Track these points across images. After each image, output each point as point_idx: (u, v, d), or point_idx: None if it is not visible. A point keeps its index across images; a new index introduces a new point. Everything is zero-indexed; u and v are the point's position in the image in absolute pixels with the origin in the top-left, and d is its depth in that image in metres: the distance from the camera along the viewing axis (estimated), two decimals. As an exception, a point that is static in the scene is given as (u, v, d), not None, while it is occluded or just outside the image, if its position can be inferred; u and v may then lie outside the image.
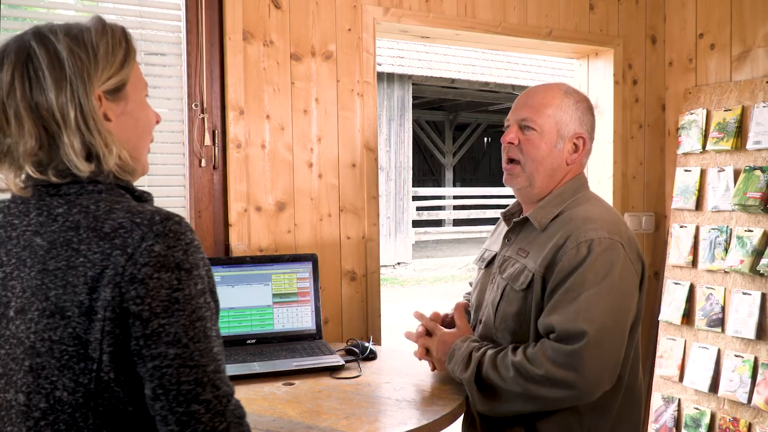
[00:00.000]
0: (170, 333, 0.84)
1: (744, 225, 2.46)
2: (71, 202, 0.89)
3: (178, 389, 0.84)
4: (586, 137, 1.58)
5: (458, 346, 1.52)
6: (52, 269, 0.86)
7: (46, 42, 0.90)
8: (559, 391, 1.36)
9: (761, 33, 2.52)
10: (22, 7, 1.90)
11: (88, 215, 0.88)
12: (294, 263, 2.01)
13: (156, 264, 0.84)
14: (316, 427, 1.31)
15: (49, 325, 0.85)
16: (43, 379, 0.86)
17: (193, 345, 0.85)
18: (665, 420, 2.65)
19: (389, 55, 10.98)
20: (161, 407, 0.84)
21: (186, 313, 0.85)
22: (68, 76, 0.88)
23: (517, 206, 1.71)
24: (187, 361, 0.84)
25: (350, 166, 2.28)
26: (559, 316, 1.38)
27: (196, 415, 0.84)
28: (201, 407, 0.85)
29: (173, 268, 0.85)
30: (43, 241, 0.88)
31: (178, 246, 0.86)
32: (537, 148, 1.54)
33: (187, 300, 0.85)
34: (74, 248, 0.86)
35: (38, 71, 0.88)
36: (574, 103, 1.57)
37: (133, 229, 0.85)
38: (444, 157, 16.11)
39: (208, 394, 0.85)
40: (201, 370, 0.85)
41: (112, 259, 0.84)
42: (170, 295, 0.84)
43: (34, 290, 0.86)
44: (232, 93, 2.09)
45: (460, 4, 2.43)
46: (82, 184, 0.91)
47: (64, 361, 0.85)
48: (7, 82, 0.89)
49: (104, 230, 0.86)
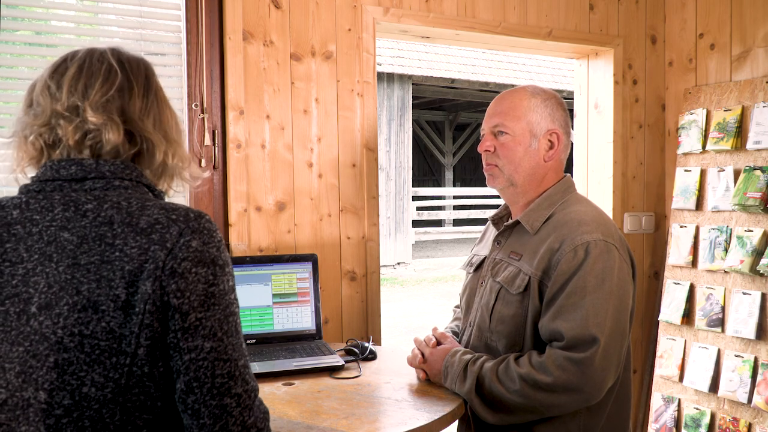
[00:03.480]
0: (206, 327, 0.86)
1: (744, 225, 2.45)
2: (100, 198, 0.90)
3: (213, 382, 0.86)
4: (560, 132, 1.60)
5: (449, 362, 1.53)
6: (84, 264, 0.86)
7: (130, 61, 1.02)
8: (567, 397, 1.38)
9: (761, 33, 2.52)
10: (21, 7, 1.90)
11: (120, 211, 0.89)
12: (294, 263, 2.01)
13: (194, 259, 0.87)
14: (315, 427, 1.31)
15: (80, 319, 0.85)
16: (69, 375, 0.85)
17: (227, 339, 0.88)
18: (665, 420, 2.65)
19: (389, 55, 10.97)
20: (194, 400, 0.86)
21: (221, 307, 0.88)
22: (154, 89, 1.05)
23: (505, 210, 1.73)
24: (221, 354, 0.87)
25: (350, 166, 2.28)
26: (566, 322, 1.39)
27: (228, 409, 0.87)
28: (232, 401, 0.87)
29: (209, 263, 0.88)
30: (71, 236, 0.88)
31: (212, 243, 0.89)
32: (512, 151, 1.58)
33: (221, 295, 0.88)
34: (108, 243, 0.86)
35: (130, 80, 0.99)
36: (542, 101, 1.59)
37: (170, 225, 0.88)
38: (444, 157, 16.11)
39: (239, 388, 0.88)
40: (233, 364, 0.88)
41: (151, 253, 0.85)
42: (206, 290, 0.87)
43: (62, 285, 0.86)
44: (232, 93, 2.09)
45: (460, 4, 2.43)
46: (107, 179, 0.92)
47: (95, 356, 0.85)
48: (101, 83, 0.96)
49: (140, 225, 0.87)
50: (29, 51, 1.98)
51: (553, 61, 12.58)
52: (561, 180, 1.63)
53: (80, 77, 0.94)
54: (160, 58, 2.06)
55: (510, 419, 1.45)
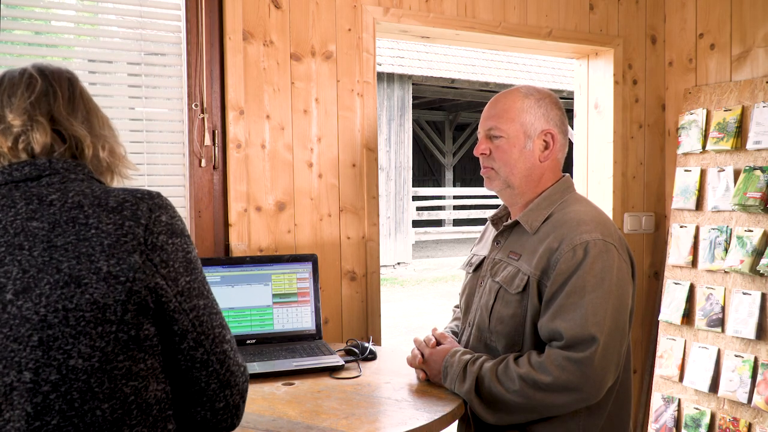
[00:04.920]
0: (195, 288, 0.98)
1: (744, 225, 2.45)
2: (62, 189, 0.96)
3: (214, 333, 0.99)
4: (555, 132, 1.59)
5: (449, 362, 1.53)
6: (60, 244, 0.91)
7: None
8: (567, 396, 1.39)
9: (761, 33, 2.52)
10: (21, 7, 1.90)
11: (87, 196, 0.95)
12: (294, 263, 2.01)
13: (168, 231, 0.96)
14: (315, 427, 1.31)
15: (64, 294, 0.89)
16: (55, 350, 0.89)
17: (210, 296, 1.01)
18: (665, 420, 2.65)
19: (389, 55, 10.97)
20: (203, 352, 0.98)
21: (198, 270, 1.00)
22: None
23: (504, 210, 1.73)
24: (212, 309, 1.00)
25: (350, 166, 2.28)
26: (565, 322, 1.39)
27: (228, 353, 1.01)
28: (228, 345, 1.01)
29: (179, 233, 0.98)
30: (41, 224, 0.93)
31: (176, 216, 0.99)
32: (507, 153, 1.58)
33: (196, 260, 1.00)
34: (82, 223, 0.92)
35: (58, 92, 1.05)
36: (535, 102, 1.59)
37: (138, 203, 0.96)
38: (444, 157, 16.11)
39: (228, 334, 1.02)
40: (221, 315, 1.02)
41: (127, 228, 0.93)
42: (186, 257, 0.98)
43: (40, 267, 0.90)
44: (232, 93, 2.09)
45: (460, 4, 2.43)
46: (62, 174, 0.98)
47: (80, 327, 0.89)
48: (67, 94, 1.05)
49: (110, 205, 0.94)
50: (29, 51, 1.98)
51: (553, 61, 12.58)
52: (560, 180, 1.63)
53: (3, 91, 1.02)
54: (160, 58, 2.06)
55: (509, 419, 1.46)
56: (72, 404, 0.89)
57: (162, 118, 2.08)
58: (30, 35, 2.06)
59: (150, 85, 2.04)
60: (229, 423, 1.03)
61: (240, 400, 1.03)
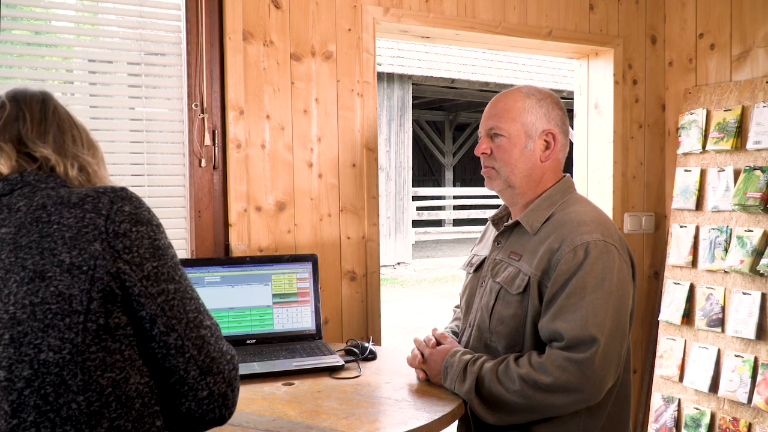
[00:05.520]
0: (164, 273, 0.96)
1: (744, 225, 2.45)
2: (29, 197, 0.97)
3: (187, 317, 0.97)
4: (556, 132, 1.59)
5: (449, 362, 1.53)
6: (24, 244, 0.92)
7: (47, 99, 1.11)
8: (567, 397, 1.39)
9: (761, 33, 2.52)
10: (21, 7, 1.90)
11: (51, 197, 0.96)
12: (294, 263, 2.01)
13: (131, 220, 0.95)
14: (315, 427, 1.31)
15: (30, 290, 0.90)
16: (25, 346, 0.89)
17: (184, 282, 0.99)
18: (665, 420, 2.65)
19: (389, 55, 10.97)
20: (176, 337, 0.96)
21: (168, 257, 0.98)
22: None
23: (505, 210, 1.73)
24: (185, 293, 0.98)
25: (350, 166, 2.28)
26: (565, 323, 1.39)
27: (206, 338, 0.98)
28: (206, 331, 0.99)
29: (146, 222, 0.97)
30: (8, 229, 0.94)
31: (142, 206, 0.98)
32: (508, 153, 1.58)
33: (165, 248, 0.98)
34: (44, 221, 0.93)
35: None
36: (537, 101, 1.59)
37: (99, 197, 0.96)
38: (444, 157, 16.11)
39: (207, 320, 1.00)
40: (197, 300, 1.00)
41: (88, 220, 0.93)
42: (152, 244, 0.96)
43: (8, 268, 0.92)
44: (232, 93, 2.09)
45: (460, 4, 2.43)
46: (33, 185, 0.99)
47: (48, 320, 0.89)
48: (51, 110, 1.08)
49: (72, 201, 0.95)
50: (29, 51, 1.98)
51: (553, 61, 12.57)
52: (560, 180, 1.62)
53: None
54: (160, 58, 2.06)
55: (509, 419, 1.46)
56: (46, 399, 0.89)
57: (162, 118, 2.08)
58: (30, 35, 2.06)
59: (150, 85, 2.04)
60: (218, 414, 0.99)
61: (227, 388, 0.99)
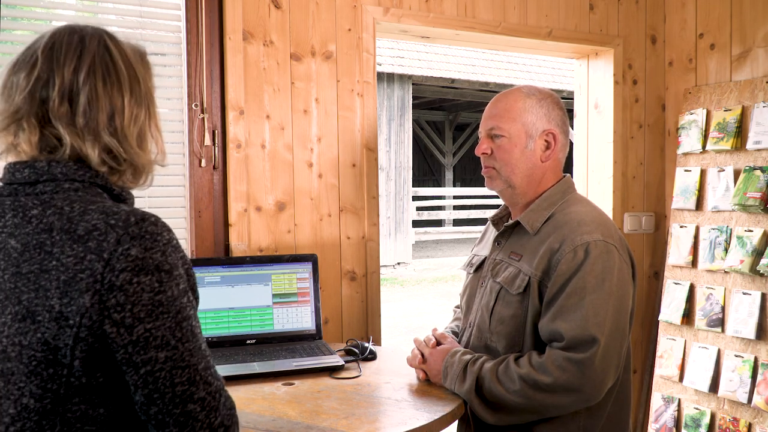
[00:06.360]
0: (158, 337, 0.84)
1: (744, 225, 2.45)
2: (46, 203, 0.88)
3: (174, 391, 0.85)
4: (556, 132, 1.59)
5: (449, 362, 1.53)
6: (25, 272, 0.85)
7: (118, 45, 0.97)
8: (567, 397, 1.39)
9: (761, 33, 2.52)
10: (21, 7, 1.90)
11: (62, 217, 0.86)
12: (294, 263, 2.01)
13: (134, 268, 0.83)
14: (315, 427, 1.31)
15: (20, 329, 0.84)
16: (12, 384, 0.84)
17: (182, 346, 0.86)
18: (665, 420, 2.65)
19: (389, 55, 10.97)
20: (157, 411, 0.85)
21: (171, 314, 0.85)
22: (142, 82, 0.97)
23: (505, 210, 1.73)
24: (178, 362, 0.85)
25: (350, 166, 2.28)
26: (566, 323, 1.40)
27: (193, 414, 0.86)
28: (196, 406, 0.86)
29: (152, 270, 0.84)
30: (17, 244, 0.86)
31: (156, 248, 0.85)
32: (508, 153, 1.57)
33: (170, 302, 0.85)
34: (47, 251, 0.84)
35: (111, 67, 0.94)
36: (537, 101, 1.59)
37: (108, 232, 0.84)
38: (444, 157, 16.11)
39: (201, 392, 0.87)
40: (193, 369, 0.86)
41: (86, 263, 0.83)
42: (153, 299, 0.84)
43: (7, 293, 0.85)
44: (232, 93, 2.09)
45: (460, 4, 2.43)
46: (58, 181, 0.90)
47: (32, 367, 0.84)
48: (86, 71, 0.92)
49: (78, 233, 0.84)
50: (29, 51, 1.97)
51: (553, 61, 12.57)
52: (560, 180, 1.62)
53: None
54: (160, 58, 2.06)
55: (509, 419, 1.46)
56: None
57: (162, 118, 2.06)
58: (30, 35, 2.06)
59: (150, 85, 2.04)
60: None
61: None
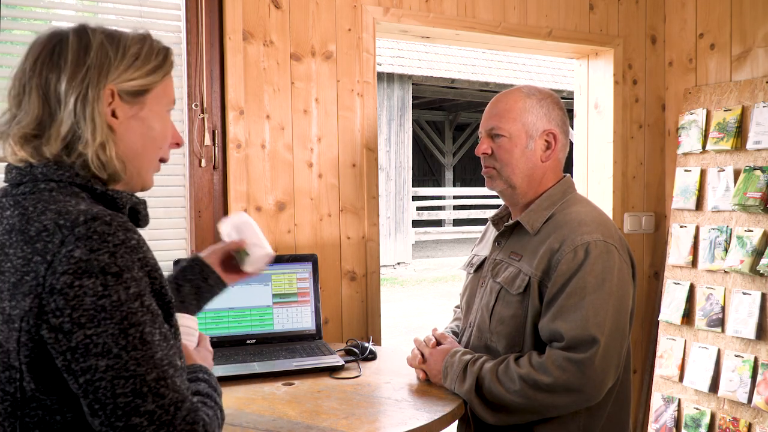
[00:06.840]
0: (98, 344, 0.79)
1: (744, 225, 2.45)
2: (17, 204, 0.86)
3: (115, 402, 0.79)
4: (556, 132, 1.59)
5: (449, 362, 1.53)
6: None
7: (82, 34, 0.92)
8: (567, 397, 1.39)
9: (761, 33, 2.52)
10: (21, 7, 1.90)
11: (22, 218, 0.84)
12: (294, 263, 2.01)
13: (77, 271, 0.79)
14: (315, 427, 1.31)
15: None
16: None
17: (127, 354, 0.80)
18: (665, 420, 2.65)
19: (389, 55, 10.97)
20: (101, 423, 0.80)
21: (114, 320, 0.79)
22: (88, 64, 0.90)
23: (505, 210, 1.72)
24: (121, 372, 0.79)
25: (350, 166, 2.28)
26: (566, 323, 1.40)
27: (139, 428, 0.79)
28: (143, 419, 0.79)
29: (97, 273, 0.79)
30: None
31: (103, 249, 0.80)
32: (509, 153, 1.57)
33: (115, 307, 0.80)
34: (5, 252, 0.83)
35: (63, 55, 0.90)
36: (537, 101, 1.59)
37: (54, 233, 0.80)
38: (444, 157, 16.11)
39: (150, 404, 0.80)
40: (139, 380, 0.80)
41: (33, 265, 0.80)
42: (95, 303, 0.79)
43: None
44: (232, 93, 2.09)
45: (460, 4, 2.43)
46: (36, 182, 0.88)
47: None
48: (32, 61, 0.91)
49: (30, 233, 0.82)
50: (29, 51, 1.98)
51: (553, 61, 12.57)
52: (561, 180, 1.62)
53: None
54: (160, 58, 2.06)
55: (509, 419, 1.46)
56: None
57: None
58: (30, 35, 2.06)
59: (150, 85, 2.04)
60: None
61: None
